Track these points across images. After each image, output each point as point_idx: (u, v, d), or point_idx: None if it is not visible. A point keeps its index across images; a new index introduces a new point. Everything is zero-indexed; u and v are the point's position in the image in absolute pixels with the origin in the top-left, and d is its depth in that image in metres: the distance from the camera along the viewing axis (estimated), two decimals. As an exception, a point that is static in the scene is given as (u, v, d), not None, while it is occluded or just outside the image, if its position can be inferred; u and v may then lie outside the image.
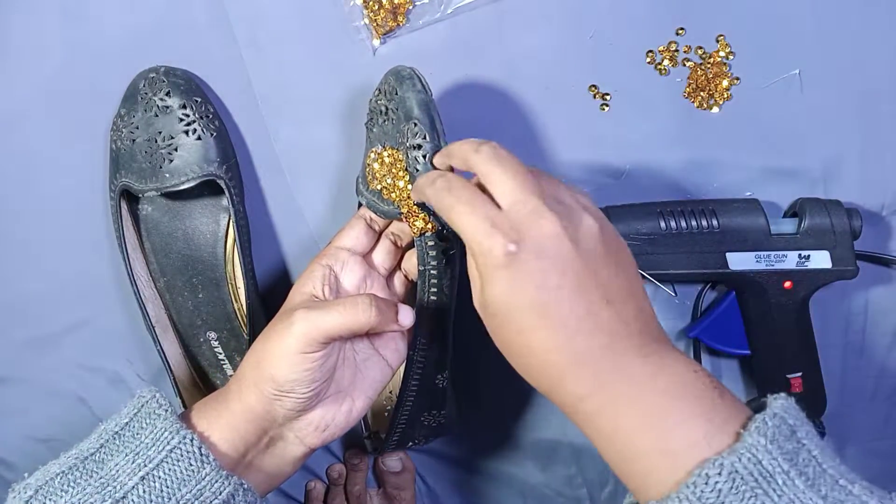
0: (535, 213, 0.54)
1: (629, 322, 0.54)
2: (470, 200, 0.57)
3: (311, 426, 0.64)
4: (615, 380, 0.53)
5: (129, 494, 0.56)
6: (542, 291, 0.53)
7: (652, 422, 0.51)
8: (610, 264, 0.56)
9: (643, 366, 0.53)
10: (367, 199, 0.70)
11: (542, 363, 0.55)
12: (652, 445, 0.51)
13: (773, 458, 0.47)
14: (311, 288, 0.67)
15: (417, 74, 0.68)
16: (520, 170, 0.57)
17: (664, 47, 0.79)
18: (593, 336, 0.53)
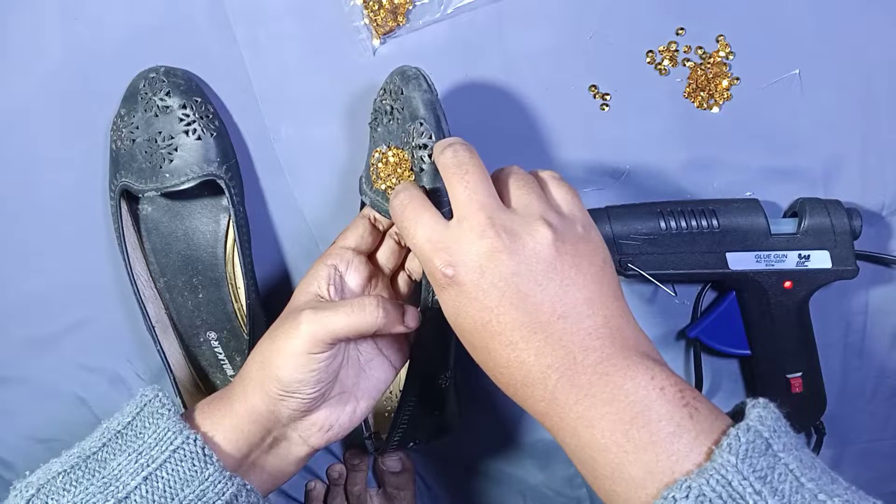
0: (476, 230, 0.54)
1: (588, 337, 0.53)
2: (416, 217, 0.58)
3: (314, 426, 0.64)
4: (571, 401, 0.52)
5: (131, 494, 0.56)
6: (483, 312, 0.54)
7: (610, 448, 0.50)
8: (566, 276, 0.54)
9: (601, 386, 0.51)
10: (371, 198, 0.70)
11: (499, 380, 0.56)
12: (611, 471, 0.50)
13: (743, 479, 0.45)
14: (316, 287, 0.67)
15: (423, 74, 0.68)
16: (473, 179, 0.56)
17: (664, 47, 0.79)
18: (542, 355, 0.52)
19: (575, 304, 0.53)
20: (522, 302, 0.53)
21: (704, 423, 0.49)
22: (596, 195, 0.81)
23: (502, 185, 0.59)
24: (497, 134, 0.80)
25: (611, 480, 0.50)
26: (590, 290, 0.54)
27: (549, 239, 0.54)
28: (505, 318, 0.53)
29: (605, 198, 0.80)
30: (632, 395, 0.50)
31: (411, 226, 0.58)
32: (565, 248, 0.55)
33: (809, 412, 0.83)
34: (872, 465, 0.88)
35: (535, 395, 0.53)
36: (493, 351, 0.54)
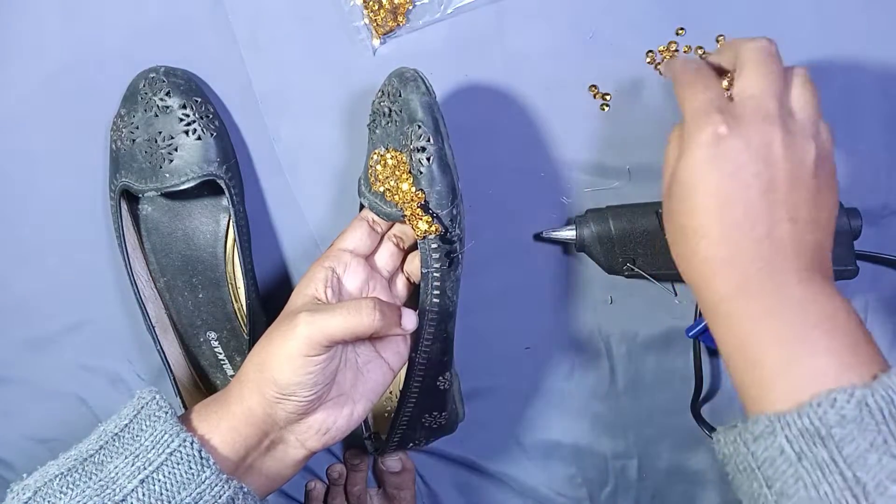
0: (764, 115, 0.56)
1: (802, 246, 0.55)
2: (708, 83, 0.60)
3: (312, 429, 0.64)
4: (762, 291, 0.54)
5: (128, 497, 0.56)
6: (732, 179, 0.55)
7: (790, 341, 0.52)
8: (809, 189, 0.56)
9: (798, 288, 0.54)
10: (369, 200, 0.70)
11: (697, 249, 0.57)
12: (782, 362, 0.52)
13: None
14: (313, 290, 0.67)
15: (421, 76, 0.68)
16: (776, 74, 0.59)
17: (664, 47, 0.79)
18: (760, 244, 0.55)
19: (806, 216, 0.56)
20: (770, 191, 0.55)
21: (874, 354, 0.51)
22: (596, 195, 0.81)
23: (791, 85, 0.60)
24: (497, 134, 0.80)
25: (773, 372, 0.52)
26: (820, 212, 0.57)
27: (813, 155, 0.57)
28: (746, 198, 0.55)
29: (605, 198, 0.80)
30: (823, 306, 0.53)
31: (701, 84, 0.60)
32: (818, 169, 0.57)
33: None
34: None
35: (730, 275, 0.55)
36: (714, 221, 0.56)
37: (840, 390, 0.48)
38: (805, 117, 0.58)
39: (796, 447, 0.49)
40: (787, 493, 0.49)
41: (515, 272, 0.84)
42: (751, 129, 0.56)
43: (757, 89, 0.58)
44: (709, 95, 0.58)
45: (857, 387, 0.48)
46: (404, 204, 0.67)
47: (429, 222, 0.66)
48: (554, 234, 0.80)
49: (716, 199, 0.56)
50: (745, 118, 0.56)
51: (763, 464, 0.51)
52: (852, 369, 0.50)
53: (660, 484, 0.88)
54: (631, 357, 0.85)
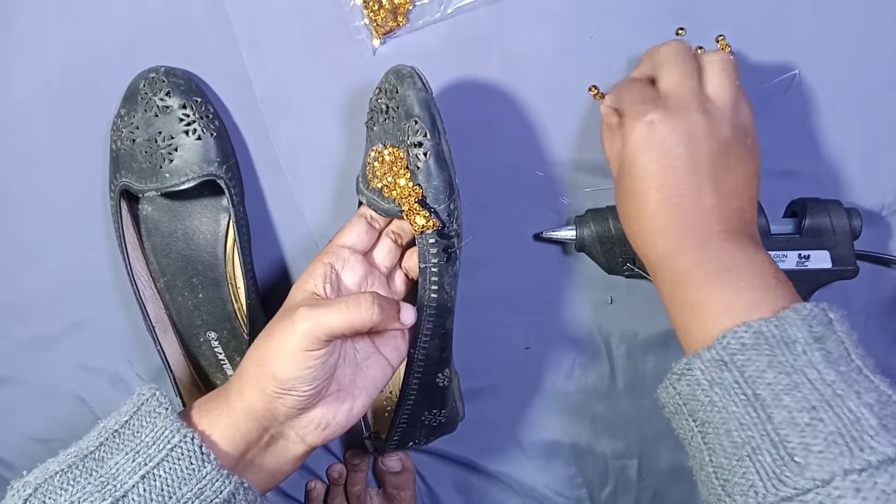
0: (684, 104, 0.64)
1: (725, 213, 0.63)
2: (640, 86, 0.69)
3: (311, 424, 0.64)
4: (691, 249, 0.62)
5: (129, 493, 0.56)
6: (661, 161, 0.64)
7: (705, 284, 0.60)
8: (729, 164, 0.64)
9: (717, 244, 0.61)
10: (367, 197, 0.71)
11: (641, 222, 0.65)
12: (699, 302, 0.59)
13: (799, 330, 0.53)
14: (312, 286, 0.67)
15: (418, 73, 0.68)
16: (689, 71, 0.67)
17: (664, 47, 0.79)
18: (689, 212, 0.63)
19: (726, 189, 0.64)
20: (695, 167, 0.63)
21: (785, 294, 0.58)
22: (596, 195, 0.81)
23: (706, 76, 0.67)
24: (497, 134, 0.80)
25: (692, 310, 0.60)
26: (739, 185, 0.65)
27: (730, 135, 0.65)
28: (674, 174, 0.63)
29: (605, 198, 0.80)
30: (739, 257, 0.60)
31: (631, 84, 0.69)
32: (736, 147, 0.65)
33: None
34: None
35: (665, 238, 0.63)
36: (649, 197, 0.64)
37: (741, 324, 0.55)
38: (721, 100, 0.66)
39: (708, 376, 0.55)
40: (706, 419, 0.56)
41: (515, 272, 0.84)
42: (675, 116, 0.64)
43: (674, 83, 0.66)
44: (642, 94, 0.67)
45: (757, 320, 0.54)
46: (402, 199, 0.67)
47: (426, 217, 0.67)
48: (554, 234, 0.80)
49: (650, 178, 0.64)
50: (670, 108, 0.64)
51: (686, 399, 0.58)
52: (759, 305, 0.56)
53: (660, 484, 0.88)
54: (631, 357, 0.85)
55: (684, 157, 0.63)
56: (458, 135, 0.71)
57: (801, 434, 0.50)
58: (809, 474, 0.48)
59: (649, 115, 0.64)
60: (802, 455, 0.49)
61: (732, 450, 0.53)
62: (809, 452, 0.49)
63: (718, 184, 0.63)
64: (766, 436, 0.51)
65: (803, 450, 0.49)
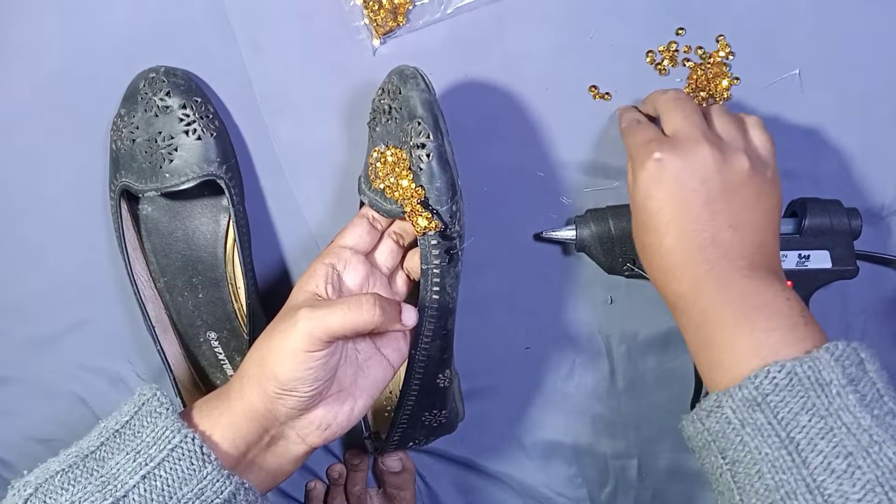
0: (693, 140, 0.65)
1: (745, 249, 0.63)
2: (645, 127, 0.70)
3: (312, 425, 0.64)
4: (712, 287, 0.61)
5: (129, 493, 0.56)
6: (674, 197, 0.64)
7: (733, 324, 0.59)
8: (747, 198, 0.64)
9: (742, 282, 0.61)
10: (369, 198, 0.71)
11: (656, 260, 0.65)
12: (727, 341, 0.59)
13: (832, 371, 0.53)
14: (314, 286, 0.67)
15: (421, 73, 0.68)
16: (691, 109, 0.68)
17: (664, 47, 0.79)
18: (707, 248, 0.62)
19: (746, 222, 0.64)
20: (709, 201, 0.63)
21: (814, 334, 0.57)
22: (596, 195, 0.81)
23: (711, 118, 0.69)
24: (497, 134, 0.80)
25: (720, 352, 0.59)
26: (760, 218, 0.64)
27: (747, 166, 0.65)
28: (688, 211, 0.63)
29: (605, 198, 0.80)
30: (764, 294, 0.60)
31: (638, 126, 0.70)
32: (755, 180, 0.65)
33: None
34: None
35: (684, 275, 0.63)
36: (664, 234, 0.64)
37: (774, 363, 0.54)
38: (731, 136, 0.67)
39: (739, 416, 0.55)
40: (737, 458, 0.55)
41: (515, 272, 0.84)
42: (684, 150, 0.64)
43: (681, 122, 0.67)
44: (648, 133, 0.68)
45: (789, 360, 0.54)
46: (404, 200, 0.67)
47: (428, 218, 0.67)
48: (554, 234, 0.80)
49: (665, 215, 0.64)
50: (679, 144, 0.65)
51: (716, 436, 0.57)
52: (789, 345, 0.56)
53: (660, 484, 0.88)
54: (631, 357, 0.85)
55: (700, 192, 0.63)
56: (457, 135, 0.71)
57: (839, 481, 0.50)
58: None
59: (657, 153, 0.64)
60: (840, 503, 0.49)
61: (765, 492, 0.52)
62: (848, 500, 0.49)
63: (737, 218, 0.63)
64: (801, 481, 0.51)
65: (841, 497, 0.49)
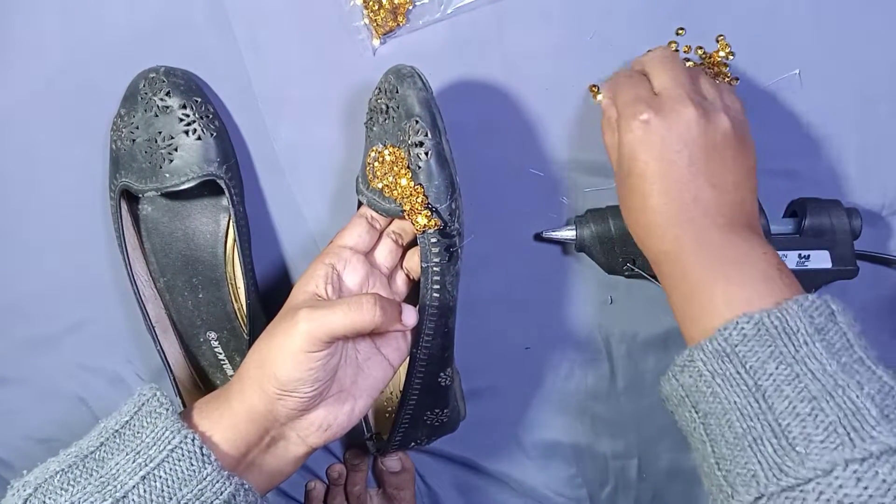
0: (678, 99, 0.65)
1: (724, 207, 0.64)
2: (634, 84, 0.69)
3: (313, 426, 0.64)
4: (692, 245, 0.62)
5: (129, 494, 0.56)
6: (660, 158, 0.65)
7: (707, 279, 0.60)
8: (727, 158, 0.65)
9: (720, 238, 0.62)
10: (367, 197, 0.71)
11: (641, 218, 0.66)
12: (702, 297, 0.60)
13: (800, 321, 0.54)
14: (313, 287, 0.67)
15: (418, 72, 0.68)
16: (677, 68, 0.69)
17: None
18: (689, 207, 0.63)
19: (726, 181, 0.65)
20: (692, 162, 0.64)
21: (788, 286, 0.59)
22: (596, 195, 0.81)
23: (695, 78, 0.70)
24: (497, 134, 0.80)
25: (695, 303, 0.61)
26: (739, 177, 0.66)
27: (728, 126, 0.66)
28: (673, 171, 0.64)
29: (605, 198, 0.80)
30: (740, 248, 0.61)
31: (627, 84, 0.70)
32: (735, 139, 0.66)
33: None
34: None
35: (667, 234, 0.64)
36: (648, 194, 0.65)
37: (743, 315, 0.55)
38: (713, 96, 0.68)
39: (710, 367, 0.56)
40: (709, 410, 0.56)
41: (515, 272, 0.84)
42: (670, 113, 0.65)
43: (668, 82, 0.67)
44: (636, 91, 0.68)
45: (759, 311, 0.55)
46: (403, 199, 0.67)
47: (428, 217, 0.67)
48: (554, 234, 0.80)
49: (649, 175, 0.65)
50: (665, 105, 0.65)
51: (689, 391, 0.59)
52: (762, 297, 0.57)
53: (660, 484, 0.88)
54: (631, 357, 0.85)
55: (684, 153, 0.64)
56: (457, 134, 0.71)
57: (803, 424, 0.50)
58: (811, 464, 0.49)
59: (644, 114, 0.65)
60: (804, 445, 0.50)
61: (734, 440, 0.53)
62: (811, 442, 0.49)
63: (719, 177, 0.64)
64: (767, 426, 0.52)
65: (804, 440, 0.50)
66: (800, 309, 0.54)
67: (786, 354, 0.53)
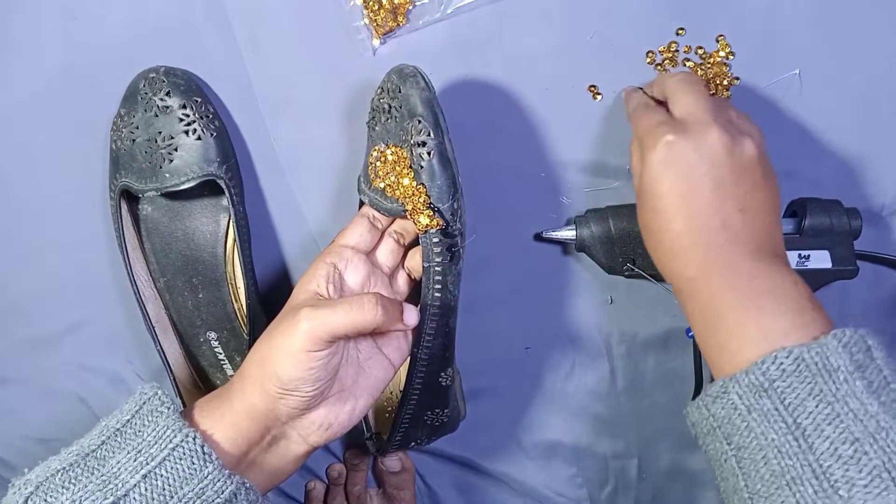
0: (703, 122, 0.64)
1: (753, 233, 0.62)
2: (654, 110, 0.69)
3: (314, 425, 0.64)
4: (720, 271, 0.61)
5: (130, 492, 0.56)
6: (686, 180, 0.63)
7: (740, 308, 0.59)
8: (756, 183, 0.64)
9: (749, 265, 0.61)
10: (369, 197, 0.71)
11: (665, 242, 0.64)
12: (735, 325, 0.58)
13: (840, 358, 0.53)
14: (315, 286, 0.67)
15: (420, 72, 0.68)
16: (701, 92, 0.67)
17: (664, 47, 0.79)
18: (716, 232, 0.62)
19: (753, 206, 0.63)
20: (720, 186, 0.62)
21: (821, 318, 0.58)
22: (596, 195, 0.81)
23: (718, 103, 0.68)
24: (497, 134, 0.80)
25: (728, 336, 0.59)
26: (766, 202, 0.64)
27: (754, 150, 0.64)
28: (699, 195, 0.62)
29: (605, 198, 0.80)
30: (772, 279, 0.60)
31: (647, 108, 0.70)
32: (761, 164, 0.65)
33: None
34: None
35: (693, 259, 0.63)
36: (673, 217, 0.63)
37: (781, 349, 0.54)
38: (737, 121, 0.67)
39: (746, 401, 0.55)
40: (743, 444, 0.55)
41: (515, 272, 0.84)
42: (695, 134, 0.63)
43: (692, 105, 0.66)
44: (656, 117, 0.67)
45: (797, 345, 0.54)
46: (405, 199, 0.67)
47: (430, 216, 0.67)
48: (554, 234, 0.80)
49: (674, 198, 0.63)
50: (689, 127, 0.64)
51: (721, 422, 0.57)
52: (797, 330, 0.56)
53: (660, 484, 0.88)
54: (631, 357, 0.85)
55: (710, 175, 0.62)
56: (457, 135, 0.71)
57: (845, 467, 0.50)
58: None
59: (667, 136, 0.63)
60: (846, 488, 0.49)
61: (770, 478, 0.53)
62: (854, 486, 0.49)
63: (746, 202, 0.63)
64: (807, 466, 0.51)
65: (847, 483, 0.49)
66: (839, 344, 0.53)
67: (826, 392, 0.52)
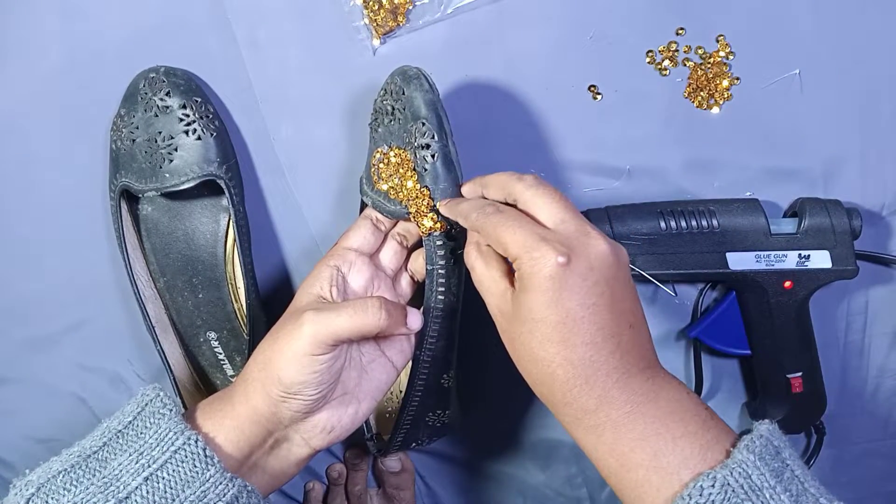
0: (583, 231, 0.58)
1: (640, 346, 0.58)
2: (519, 218, 0.59)
3: (316, 428, 0.64)
4: (621, 398, 0.56)
5: (132, 495, 0.56)
6: (580, 307, 0.56)
7: (651, 435, 0.55)
8: (633, 290, 0.60)
9: (647, 385, 0.57)
10: (372, 199, 0.71)
11: (556, 375, 0.57)
12: (649, 459, 0.54)
13: (761, 474, 0.52)
14: (318, 289, 0.67)
15: (424, 74, 0.68)
16: (562, 196, 0.60)
17: (664, 47, 0.79)
18: (612, 356, 0.56)
19: (638, 318, 0.59)
20: (612, 306, 0.57)
21: (720, 429, 0.56)
22: (596, 195, 0.81)
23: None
24: (497, 134, 0.80)
25: (646, 469, 0.54)
26: (640, 309, 0.60)
27: (626, 256, 0.60)
28: (597, 317, 0.56)
29: (605, 198, 0.80)
30: (670, 395, 0.57)
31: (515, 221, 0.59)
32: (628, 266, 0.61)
33: (809, 412, 0.83)
34: (872, 465, 0.88)
35: (591, 392, 0.56)
36: (571, 347, 0.56)
37: (704, 476, 0.51)
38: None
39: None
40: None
41: (515, 272, 0.84)
42: (584, 250, 0.57)
43: (562, 212, 0.59)
44: (528, 229, 0.58)
45: (717, 470, 0.52)
46: (409, 201, 0.67)
47: (434, 219, 0.67)
48: (554, 234, 0.80)
49: (567, 327, 0.56)
50: (572, 241, 0.57)
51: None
52: (709, 448, 0.54)
53: (660, 484, 0.88)
54: (631, 357, 0.85)
55: (606, 294, 0.56)
56: (457, 134, 0.70)
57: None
58: None
59: (558, 256, 0.55)
60: None
61: None
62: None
63: (633, 314, 0.59)
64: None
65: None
66: (756, 458, 0.52)
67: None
